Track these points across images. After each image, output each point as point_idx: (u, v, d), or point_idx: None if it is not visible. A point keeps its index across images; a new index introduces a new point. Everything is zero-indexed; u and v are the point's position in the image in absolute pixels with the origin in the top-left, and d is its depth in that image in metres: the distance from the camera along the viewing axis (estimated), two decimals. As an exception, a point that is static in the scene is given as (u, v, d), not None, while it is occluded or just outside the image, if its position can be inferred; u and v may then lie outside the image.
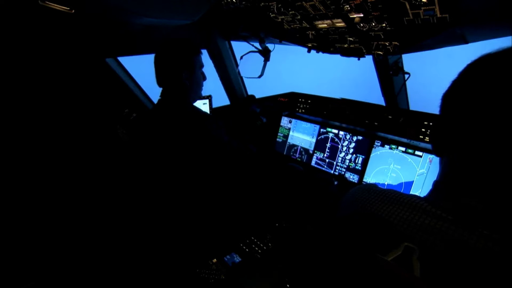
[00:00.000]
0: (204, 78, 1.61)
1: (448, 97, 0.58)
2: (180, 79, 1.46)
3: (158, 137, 1.45)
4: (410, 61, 1.80)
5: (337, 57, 1.57)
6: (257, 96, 2.29)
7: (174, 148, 1.43)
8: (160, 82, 1.52)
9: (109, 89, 1.87)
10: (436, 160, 1.29)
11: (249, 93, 2.37)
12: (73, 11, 1.16)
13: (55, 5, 1.12)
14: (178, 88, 1.48)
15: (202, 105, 2.28)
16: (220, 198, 1.66)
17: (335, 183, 1.79)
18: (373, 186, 0.71)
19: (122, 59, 1.91)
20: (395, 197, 0.64)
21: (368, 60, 1.61)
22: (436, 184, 0.62)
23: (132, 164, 1.55)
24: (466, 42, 1.10)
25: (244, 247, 1.57)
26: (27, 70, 1.55)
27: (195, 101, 1.61)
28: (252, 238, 1.60)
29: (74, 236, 1.78)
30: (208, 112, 2.29)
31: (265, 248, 1.53)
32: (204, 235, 1.59)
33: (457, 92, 0.56)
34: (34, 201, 1.70)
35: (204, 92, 2.27)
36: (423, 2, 0.88)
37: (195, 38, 1.86)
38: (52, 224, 1.75)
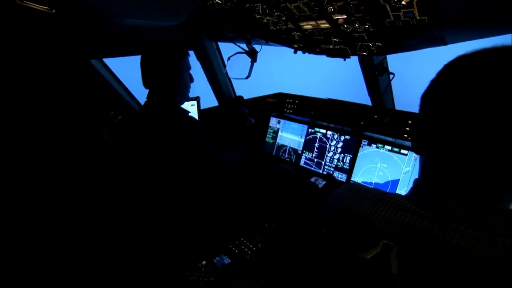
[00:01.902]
0: (192, 80, 1.60)
1: (427, 97, 0.60)
2: (167, 81, 1.44)
3: (144, 139, 1.43)
4: (395, 61, 1.83)
5: (326, 57, 1.59)
6: (246, 97, 2.29)
7: (160, 150, 1.42)
8: (146, 84, 1.50)
9: (94, 91, 1.84)
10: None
11: (239, 94, 2.37)
12: (53, 11, 1.14)
13: (34, 4, 1.09)
14: (164, 90, 1.47)
15: (190, 107, 2.27)
16: (208, 200, 1.65)
17: (323, 183, 1.81)
18: (357, 186, 0.72)
19: (108, 61, 1.88)
20: (377, 195, 0.65)
21: (356, 60, 1.64)
22: (416, 182, 0.63)
23: (118, 167, 1.52)
24: (445, 44, 1.13)
25: (233, 248, 1.56)
26: (6, 71, 1.50)
27: (182, 103, 1.60)
28: (242, 239, 1.60)
29: (57, 239, 1.73)
30: (197, 113, 2.28)
31: (254, 248, 1.52)
32: (193, 237, 1.58)
33: (435, 92, 0.58)
34: (16, 204, 1.65)
35: (193, 94, 2.26)
36: (402, 4, 0.90)
37: (182, 40, 1.85)
38: (33, 227, 1.69)
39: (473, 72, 0.50)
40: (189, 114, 1.52)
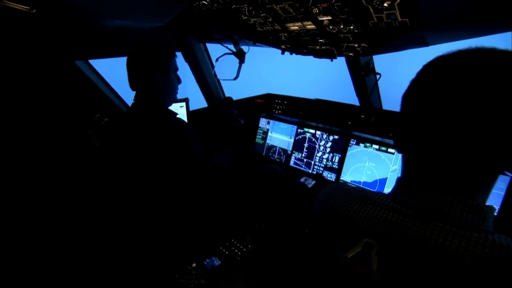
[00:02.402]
0: (179, 81, 1.59)
1: (407, 97, 0.61)
2: (154, 83, 1.43)
3: (132, 141, 1.41)
4: (382, 62, 1.87)
5: (316, 59, 1.60)
6: (236, 98, 2.28)
7: (148, 152, 1.40)
8: (133, 86, 1.49)
9: (79, 93, 1.80)
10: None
11: (229, 95, 2.36)
12: (34, 10, 1.11)
13: (14, 4, 1.06)
14: (152, 91, 1.46)
15: (179, 108, 2.25)
16: (198, 201, 1.64)
17: (313, 183, 1.82)
18: (342, 185, 0.73)
19: (94, 62, 1.85)
20: (360, 194, 0.66)
21: (344, 61, 1.66)
22: (398, 180, 0.65)
23: (105, 170, 1.50)
24: (427, 45, 1.16)
25: (224, 250, 1.55)
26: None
27: (170, 104, 1.59)
28: (232, 240, 1.59)
29: (41, 245, 1.68)
30: (186, 115, 2.26)
31: (244, 250, 1.52)
32: (184, 239, 1.57)
33: (414, 92, 0.59)
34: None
35: (182, 95, 2.25)
36: (384, 6, 0.92)
37: (169, 41, 1.83)
38: (13, 231, 1.65)
39: (448, 73, 0.52)
40: (177, 116, 1.51)
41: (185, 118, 2.26)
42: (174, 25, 1.67)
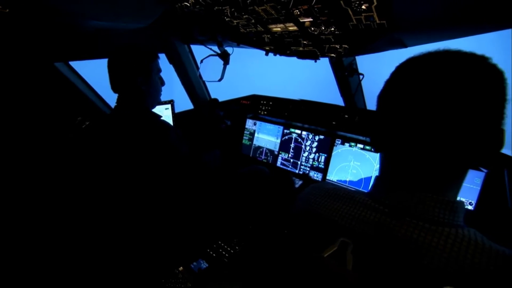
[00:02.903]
0: (163, 83, 1.58)
1: (381, 97, 0.63)
2: (137, 85, 1.42)
3: (115, 145, 1.39)
4: (365, 62, 1.90)
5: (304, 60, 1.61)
6: (223, 99, 2.28)
7: (132, 156, 1.38)
8: (115, 88, 1.47)
9: (59, 96, 1.75)
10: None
11: (216, 96, 2.35)
12: (7, 10, 1.07)
13: (-17, 3, 1.02)
14: (134, 94, 1.44)
15: (165, 110, 2.22)
16: (185, 203, 1.63)
17: (300, 183, 1.83)
18: (323, 185, 0.74)
19: (77, 64, 1.80)
20: (340, 194, 0.67)
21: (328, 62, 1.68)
22: (376, 178, 0.66)
23: (86, 174, 1.46)
24: (405, 46, 1.19)
25: (211, 252, 1.54)
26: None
27: (153, 107, 1.57)
28: (219, 242, 1.59)
29: (21, 254, 1.62)
30: (171, 117, 2.24)
31: (232, 252, 1.52)
32: (170, 243, 1.55)
33: (387, 92, 0.61)
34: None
35: (168, 97, 2.22)
36: (363, 9, 0.93)
37: (152, 42, 1.81)
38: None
39: (417, 74, 0.53)
40: (162, 118, 1.50)
41: (170, 121, 2.23)
42: (157, 27, 1.65)
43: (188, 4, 1.31)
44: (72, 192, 1.59)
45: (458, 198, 1.31)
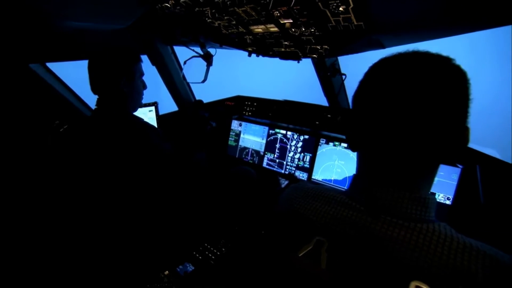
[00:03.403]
0: (145, 86, 1.56)
1: (355, 96, 0.64)
2: (119, 87, 1.40)
3: (97, 149, 1.36)
4: (348, 62, 1.94)
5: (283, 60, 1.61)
6: (210, 101, 2.27)
7: (114, 159, 1.35)
8: (95, 90, 1.44)
9: (35, 99, 1.68)
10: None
11: (202, 97, 2.33)
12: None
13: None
14: (116, 96, 1.42)
15: (148, 113, 2.19)
16: (168, 207, 1.61)
17: (285, 183, 1.85)
18: (303, 185, 0.75)
19: (55, 65, 1.74)
20: (319, 193, 0.68)
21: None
22: (354, 177, 0.67)
23: (66, 179, 1.42)
24: (384, 47, 1.22)
25: (197, 255, 1.53)
26: None
27: (135, 110, 1.55)
28: (206, 244, 1.57)
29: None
30: (155, 119, 2.21)
31: (219, 253, 1.51)
32: (155, 246, 1.53)
33: (361, 92, 0.62)
34: None
35: (152, 99, 2.19)
36: (340, 10, 0.95)
37: (134, 44, 1.78)
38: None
39: (387, 74, 0.55)
40: (144, 120, 1.48)
41: (154, 123, 2.20)
42: (139, 28, 1.62)
43: (169, 5, 1.29)
44: (52, 196, 1.54)
45: (436, 194, 1.35)
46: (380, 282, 0.43)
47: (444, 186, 1.38)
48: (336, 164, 1.78)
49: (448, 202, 1.36)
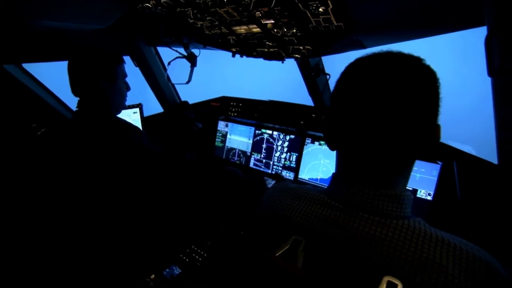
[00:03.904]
0: (128, 88, 1.53)
1: (333, 96, 0.65)
2: (101, 89, 1.37)
3: (78, 151, 1.32)
4: (332, 62, 1.96)
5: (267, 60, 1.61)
6: (193, 101, 2.25)
7: (97, 162, 1.32)
8: (76, 92, 1.40)
9: (10, 101, 1.62)
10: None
11: (189, 99, 2.31)
12: None
13: None
14: (98, 98, 1.39)
15: (133, 114, 2.15)
16: (155, 209, 1.59)
17: (272, 182, 1.85)
18: (284, 185, 0.76)
19: (32, 66, 1.68)
20: (300, 193, 0.68)
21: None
22: (333, 176, 0.68)
23: (47, 183, 1.38)
24: (364, 47, 1.24)
25: (184, 258, 1.51)
26: None
27: (119, 112, 1.53)
28: (193, 246, 1.56)
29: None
30: (140, 121, 2.17)
31: (205, 255, 1.50)
32: (141, 250, 1.50)
33: (336, 92, 0.63)
34: None
35: (136, 101, 2.15)
36: (320, 11, 0.96)
37: (115, 44, 1.74)
38: None
39: (361, 73, 0.56)
40: (128, 122, 1.45)
41: (139, 125, 2.16)
42: (120, 28, 1.59)
43: (150, 5, 1.27)
44: (34, 201, 1.49)
45: (418, 190, 1.38)
46: (354, 278, 0.44)
47: (425, 182, 1.42)
48: (322, 163, 1.80)
49: (429, 198, 1.40)
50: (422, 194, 1.42)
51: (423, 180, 1.43)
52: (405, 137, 0.53)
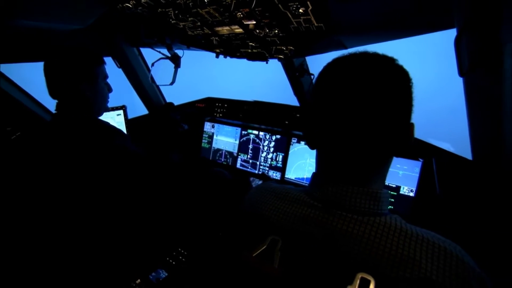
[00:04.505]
0: (110, 90, 1.49)
1: (310, 96, 0.66)
2: (81, 91, 1.33)
3: (57, 155, 1.28)
4: (318, 62, 1.98)
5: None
6: (179, 103, 2.22)
7: (77, 165, 1.29)
8: (53, 94, 1.35)
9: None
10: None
11: (174, 100, 2.28)
12: None
13: None
14: (77, 101, 1.35)
15: (116, 117, 2.11)
16: (140, 212, 1.56)
17: (259, 183, 1.85)
18: (266, 185, 0.76)
19: (7, 67, 1.61)
20: (281, 193, 0.69)
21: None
22: (313, 175, 0.69)
23: (26, 187, 1.33)
24: (346, 48, 1.26)
25: (170, 261, 1.49)
26: None
27: (100, 114, 1.48)
28: (179, 249, 1.54)
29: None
30: (124, 123, 2.13)
31: (192, 258, 1.48)
32: (126, 254, 1.47)
33: (314, 91, 0.64)
34: None
35: (121, 102, 2.11)
36: (300, 12, 0.97)
37: (95, 45, 1.70)
38: None
39: (338, 74, 0.57)
40: (110, 124, 1.42)
41: (123, 127, 2.12)
42: (101, 28, 1.56)
43: (130, 5, 1.25)
44: (12, 205, 1.44)
45: (401, 187, 1.40)
46: (330, 276, 0.45)
47: (408, 179, 1.46)
48: (308, 162, 1.82)
49: (411, 194, 1.44)
50: (405, 190, 1.45)
51: (405, 177, 1.46)
52: (379, 135, 0.54)
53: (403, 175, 1.48)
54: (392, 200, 1.48)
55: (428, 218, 1.32)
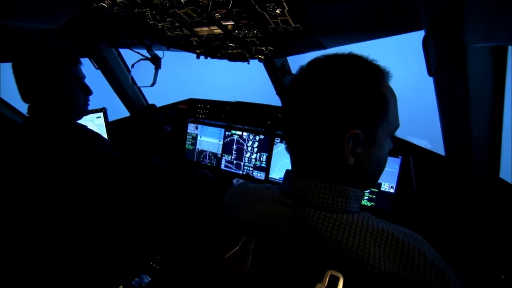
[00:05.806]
0: (88, 91, 1.43)
1: (285, 96, 0.67)
2: (51, 93, 1.28)
3: (30, 159, 1.23)
4: (299, 62, 2.00)
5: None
6: (161, 104, 2.19)
7: (51, 169, 1.24)
8: (25, 98, 1.30)
9: None
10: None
11: (157, 102, 2.24)
12: None
13: None
14: (50, 103, 1.30)
15: (96, 119, 2.05)
16: (120, 217, 1.52)
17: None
18: (243, 186, 0.76)
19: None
20: (257, 193, 0.69)
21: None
22: (286, 172, 0.70)
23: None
24: (325, 48, 1.28)
25: (154, 265, 1.47)
26: None
27: (78, 117, 1.44)
28: (163, 253, 1.52)
29: None
30: (104, 126, 2.07)
31: (177, 261, 1.46)
32: (107, 259, 1.43)
33: (287, 91, 0.65)
34: None
35: (101, 105, 2.06)
36: (277, 13, 0.98)
37: (70, 46, 1.64)
38: None
39: (305, 75, 0.58)
40: (87, 127, 1.38)
41: (103, 130, 2.07)
42: (76, 29, 1.51)
43: (105, 5, 1.22)
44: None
45: (382, 183, 1.43)
46: (301, 273, 0.45)
47: (388, 175, 1.49)
48: (292, 161, 1.83)
49: (392, 190, 1.48)
50: (385, 187, 1.49)
51: (386, 173, 1.49)
52: (325, 134, 0.56)
53: (384, 172, 1.51)
54: (374, 197, 1.51)
55: (407, 213, 1.35)
